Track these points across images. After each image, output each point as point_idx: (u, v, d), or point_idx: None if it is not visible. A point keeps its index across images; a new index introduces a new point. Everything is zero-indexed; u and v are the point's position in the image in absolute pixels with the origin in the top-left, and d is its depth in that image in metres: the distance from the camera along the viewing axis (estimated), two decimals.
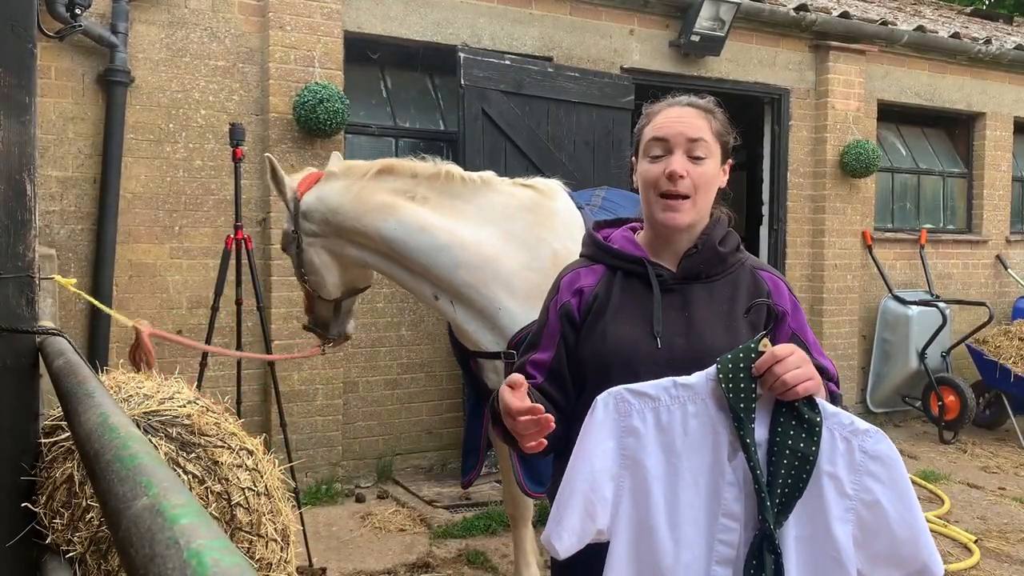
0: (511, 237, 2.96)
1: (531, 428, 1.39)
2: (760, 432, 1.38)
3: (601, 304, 1.65)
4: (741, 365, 1.39)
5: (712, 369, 1.41)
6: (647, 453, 1.41)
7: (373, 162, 3.09)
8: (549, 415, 1.39)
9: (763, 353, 1.38)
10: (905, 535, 1.36)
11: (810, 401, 1.38)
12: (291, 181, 3.13)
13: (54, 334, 1.41)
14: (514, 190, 3.07)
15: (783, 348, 1.39)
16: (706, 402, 1.40)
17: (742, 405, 1.37)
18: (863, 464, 1.37)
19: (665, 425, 1.41)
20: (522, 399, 1.41)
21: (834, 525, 1.36)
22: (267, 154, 3.03)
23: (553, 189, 3.13)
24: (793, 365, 1.36)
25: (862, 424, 1.39)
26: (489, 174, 3.11)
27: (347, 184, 3.02)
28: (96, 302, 3.14)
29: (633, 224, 1.78)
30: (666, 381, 1.43)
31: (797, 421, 1.37)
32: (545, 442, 1.43)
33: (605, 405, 1.43)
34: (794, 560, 1.37)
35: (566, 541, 1.41)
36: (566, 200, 3.12)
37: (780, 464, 1.36)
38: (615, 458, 1.42)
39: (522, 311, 2.85)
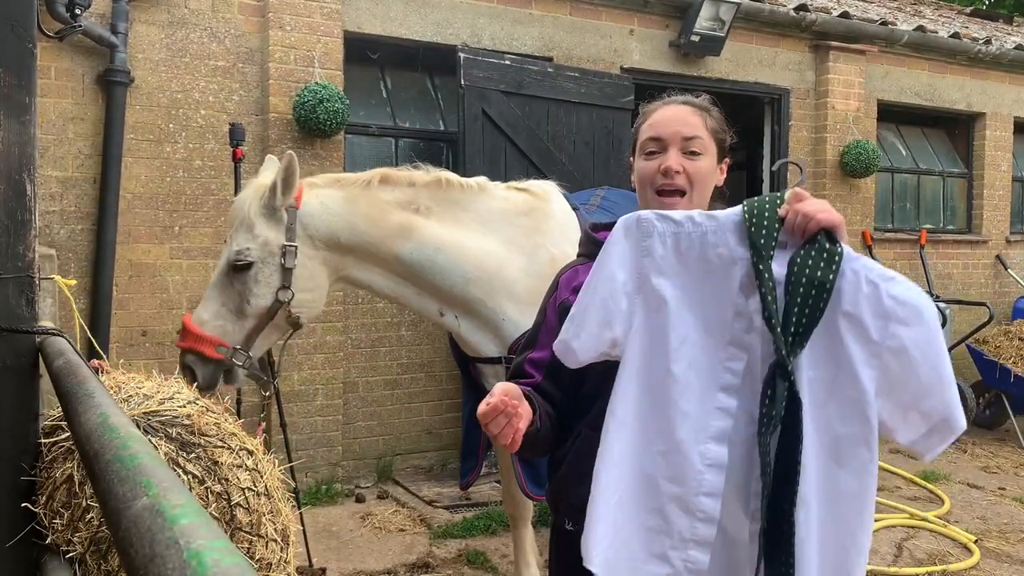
0: (511, 244, 2.94)
1: (501, 424, 1.37)
2: (778, 269, 1.36)
3: None
4: (767, 205, 1.39)
5: (738, 208, 1.41)
6: (661, 273, 1.41)
7: (368, 173, 2.93)
8: (514, 402, 1.38)
9: None
10: (934, 384, 1.31)
11: (831, 237, 1.36)
12: (262, 182, 2.87)
13: (54, 334, 1.41)
14: (509, 195, 3.03)
15: (806, 193, 1.40)
16: (727, 234, 1.40)
17: (763, 241, 1.36)
18: (892, 309, 1.32)
19: (683, 250, 1.41)
20: (486, 404, 1.39)
21: (858, 368, 1.32)
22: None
23: (547, 192, 3.10)
24: (813, 201, 1.37)
25: (888, 271, 1.35)
26: (483, 179, 3.05)
27: (346, 195, 2.85)
28: (77, 317, 3.16)
29: None
30: (693, 211, 1.43)
31: (816, 251, 1.34)
32: (522, 430, 1.40)
33: (629, 223, 1.44)
34: (808, 400, 1.33)
35: (584, 342, 1.44)
36: (561, 202, 3.10)
37: (796, 294, 1.33)
38: (631, 275, 1.43)
39: (523, 318, 2.83)
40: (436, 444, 5.32)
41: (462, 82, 4.90)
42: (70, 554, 1.18)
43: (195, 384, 2.54)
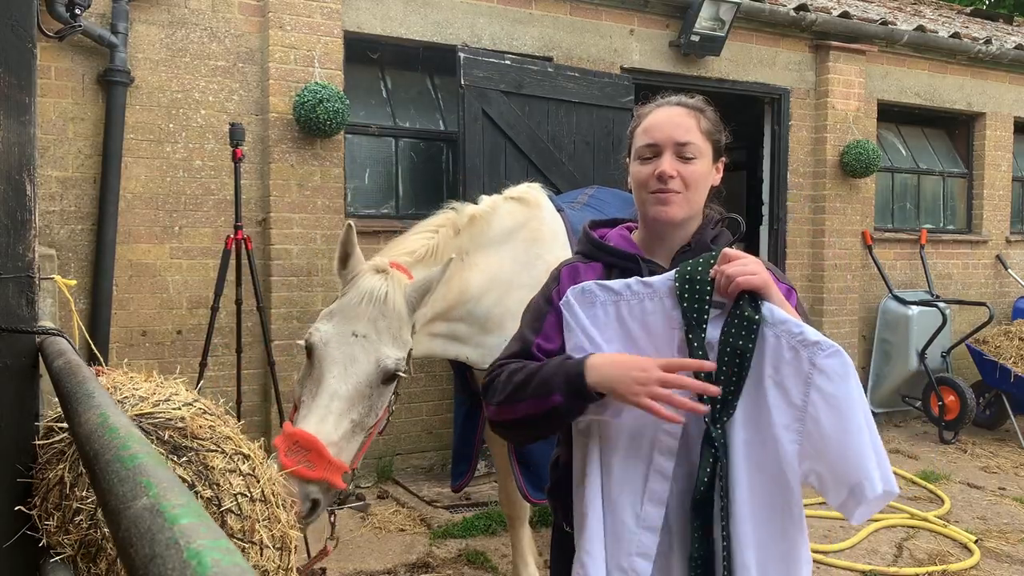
0: (516, 262, 2.95)
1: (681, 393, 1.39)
2: (712, 333, 1.42)
3: None
4: (700, 268, 1.45)
5: (672, 272, 1.49)
6: (607, 340, 1.50)
7: (437, 239, 2.77)
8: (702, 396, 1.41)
9: None
10: (843, 453, 1.33)
11: (754, 302, 1.40)
12: (400, 275, 2.54)
13: (54, 334, 1.41)
14: (510, 208, 3.02)
15: (738, 253, 1.44)
16: (663, 300, 1.47)
17: (696, 305, 1.43)
18: (811, 376, 1.35)
19: (625, 318, 1.50)
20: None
21: (777, 432, 1.37)
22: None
23: (538, 199, 3.11)
24: (741, 264, 1.41)
25: (813, 335, 1.37)
26: (488, 201, 3.01)
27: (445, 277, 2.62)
28: (76, 319, 2.99)
29: (629, 224, 1.79)
30: (630, 280, 1.51)
31: (739, 319, 1.40)
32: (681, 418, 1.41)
33: (575, 294, 1.54)
34: (743, 461, 1.40)
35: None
36: (550, 207, 3.13)
37: (722, 361, 1.39)
38: (588, 342, 1.51)
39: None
40: (436, 444, 5.32)
41: (462, 82, 4.90)
42: (60, 556, 1.17)
43: (307, 515, 2.21)
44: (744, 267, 1.40)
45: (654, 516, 1.43)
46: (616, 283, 1.51)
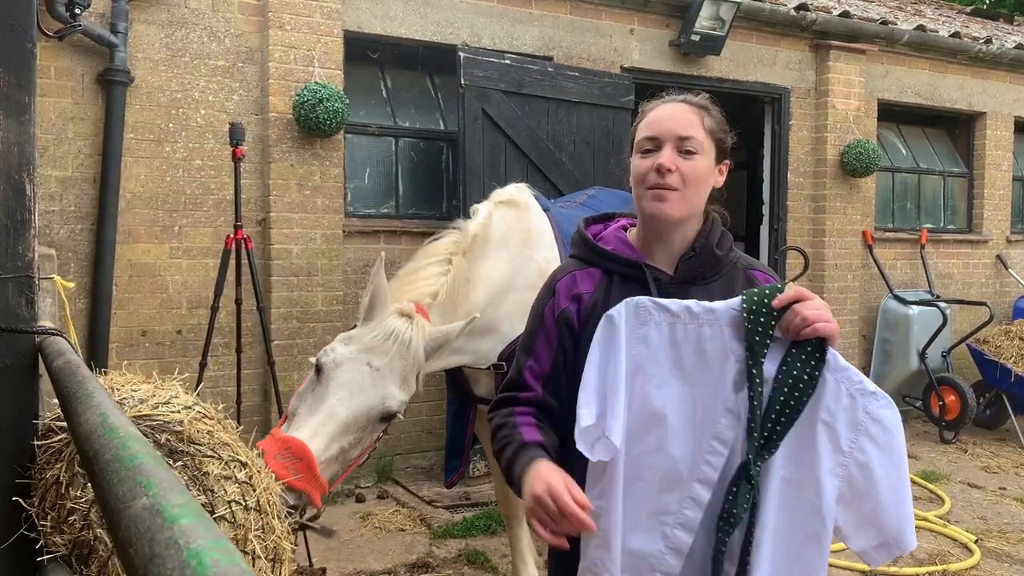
0: (510, 264, 2.97)
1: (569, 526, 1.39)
2: (769, 368, 1.40)
3: (600, 311, 1.63)
4: (766, 300, 1.42)
5: (736, 300, 1.44)
6: (654, 362, 1.44)
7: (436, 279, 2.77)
8: (591, 523, 1.38)
9: None
10: (891, 502, 1.38)
11: (821, 346, 1.40)
12: (424, 323, 2.57)
13: (54, 334, 1.41)
14: (502, 214, 3.03)
15: (808, 293, 1.43)
16: (723, 328, 1.43)
17: (758, 338, 1.40)
18: (864, 424, 1.38)
19: (679, 340, 1.44)
20: (576, 499, 1.39)
21: (822, 475, 1.38)
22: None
23: (526, 201, 3.13)
24: (814, 306, 1.40)
25: (871, 386, 1.40)
26: (483, 209, 3.01)
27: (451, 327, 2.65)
28: (70, 323, 2.88)
29: (623, 221, 1.76)
30: (689, 301, 1.46)
31: (805, 355, 1.39)
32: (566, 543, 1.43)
33: (626, 309, 1.45)
34: (775, 500, 1.39)
35: (584, 419, 1.43)
36: (536, 207, 3.15)
37: (779, 394, 1.38)
38: (629, 363, 1.44)
39: (514, 332, 2.87)
40: (436, 444, 5.32)
41: (462, 81, 4.90)
42: (55, 555, 1.17)
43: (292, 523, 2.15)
44: (820, 312, 1.40)
45: (683, 541, 1.43)
46: (674, 303, 1.45)
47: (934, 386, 6.41)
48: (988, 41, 7.48)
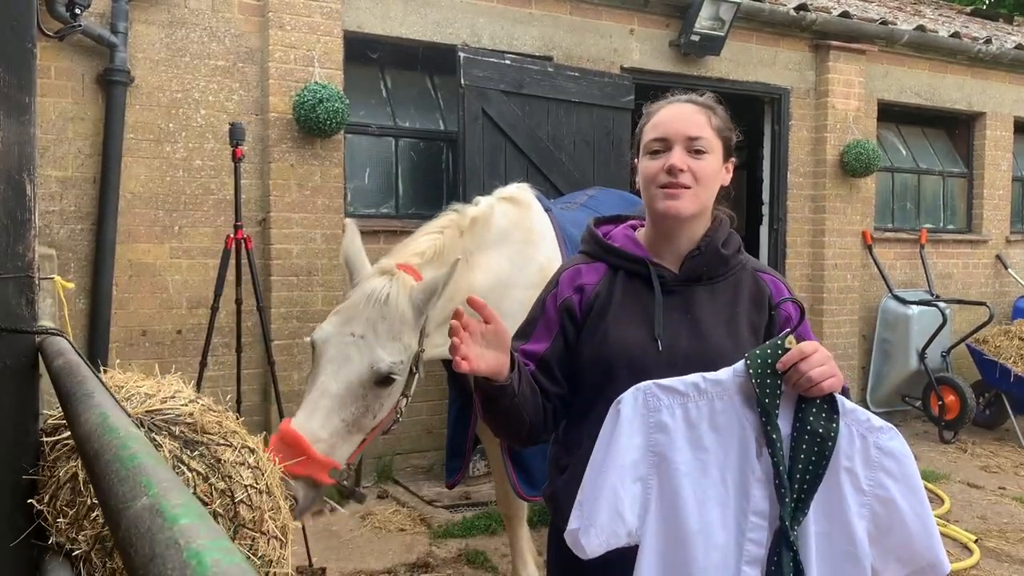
0: (512, 263, 2.96)
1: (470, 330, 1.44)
2: (784, 427, 1.39)
3: (603, 304, 1.64)
4: (769, 361, 1.39)
5: (740, 365, 1.41)
6: (676, 449, 1.39)
7: (443, 239, 2.75)
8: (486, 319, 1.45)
9: (789, 350, 1.39)
10: (919, 531, 1.38)
11: (831, 399, 1.40)
12: (407, 277, 2.52)
13: (54, 334, 1.41)
14: (504, 209, 3.02)
15: (809, 345, 1.40)
16: (733, 398, 1.40)
17: (767, 400, 1.38)
18: (878, 460, 1.38)
19: (694, 420, 1.40)
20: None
21: (852, 520, 1.38)
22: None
23: (528, 200, 3.12)
24: (818, 362, 1.38)
25: (877, 421, 1.41)
26: (483, 202, 2.99)
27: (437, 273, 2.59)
28: (67, 324, 2.83)
29: (633, 222, 1.77)
30: (694, 377, 1.42)
31: (817, 409, 1.38)
32: (477, 362, 1.49)
33: (634, 400, 1.41)
34: (815, 556, 1.38)
35: (594, 540, 1.39)
36: (538, 207, 3.14)
37: (799, 453, 1.36)
38: (644, 455, 1.40)
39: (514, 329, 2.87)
40: (436, 444, 5.32)
41: (462, 82, 4.90)
42: (75, 552, 1.18)
43: (292, 508, 2.13)
44: (824, 370, 1.37)
45: None
46: (678, 382, 1.41)
47: (934, 386, 6.42)
48: (988, 41, 7.48)
